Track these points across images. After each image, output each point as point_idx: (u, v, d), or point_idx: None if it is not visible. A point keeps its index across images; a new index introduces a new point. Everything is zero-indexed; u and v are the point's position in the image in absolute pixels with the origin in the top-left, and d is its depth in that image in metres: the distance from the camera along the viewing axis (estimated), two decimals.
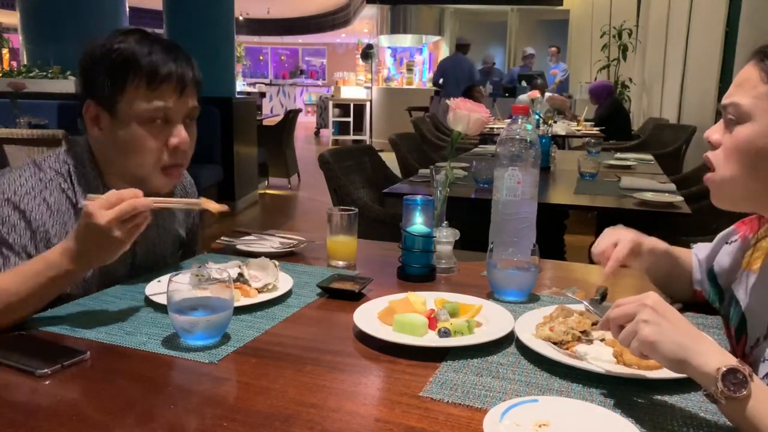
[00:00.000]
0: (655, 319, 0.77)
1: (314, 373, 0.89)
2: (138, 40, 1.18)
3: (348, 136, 12.74)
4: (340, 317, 1.11)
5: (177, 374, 0.91)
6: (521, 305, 1.18)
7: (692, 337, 0.76)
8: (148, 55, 1.16)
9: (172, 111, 1.20)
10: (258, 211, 6.26)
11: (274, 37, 20.82)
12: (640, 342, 0.78)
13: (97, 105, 1.19)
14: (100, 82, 1.17)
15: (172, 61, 1.18)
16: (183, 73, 1.19)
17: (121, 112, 1.17)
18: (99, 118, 1.20)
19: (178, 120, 1.22)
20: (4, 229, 1.13)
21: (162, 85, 1.17)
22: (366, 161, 3.15)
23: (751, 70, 0.91)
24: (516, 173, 1.33)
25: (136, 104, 1.16)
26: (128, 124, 1.18)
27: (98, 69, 1.17)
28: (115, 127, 1.19)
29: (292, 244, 1.56)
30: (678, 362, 0.75)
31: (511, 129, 1.34)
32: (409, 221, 1.35)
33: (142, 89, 1.16)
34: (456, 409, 0.80)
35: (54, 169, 1.22)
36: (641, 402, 0.82)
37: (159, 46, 1.18)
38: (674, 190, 2.63)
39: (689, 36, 5.74)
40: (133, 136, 1.18)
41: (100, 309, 1.12)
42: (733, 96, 0.92)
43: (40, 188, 1.18)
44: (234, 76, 6.53)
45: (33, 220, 1.16)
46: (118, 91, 1.16)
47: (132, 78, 1.15)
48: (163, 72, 1.16)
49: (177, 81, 1.18)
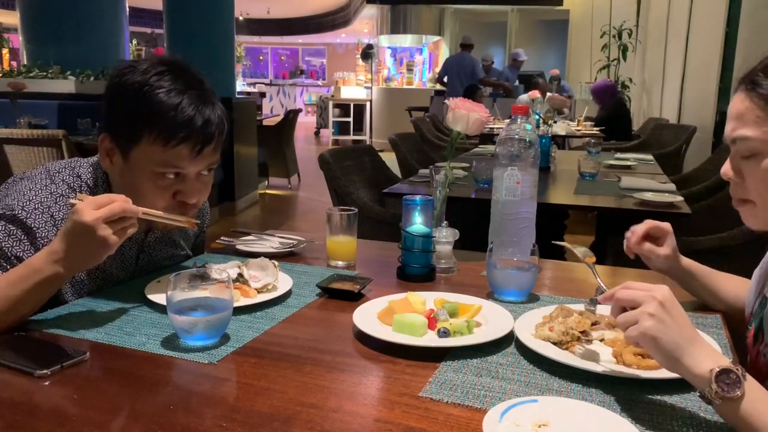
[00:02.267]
0: (660, 314, 0.78)
1: (314, 374, 0.89)
2: (169, 85, 1.12)
3: (348, 136, 12.74)
4: (340, 317, 1.11)
5: (177, 375, 0.91)
6: (521, 305, 1.18)
7: (690, 339, 0.77)
8: (173, 110, 1.10)
9: (185, 171, 1.16)
10: (258, 211, 6.26)
11: (274, 37, 20.83)
12: (640, 333, 0.78)
13: (112, 142, 1.16)
14: (119, 122, 1.14)
15: (199, 120, 1.12)
16: (206, 135, 1.13)
17: (132, 158, 1.14)
18: (112, 153, 1.18)
19: (191, 176, 1.17)
20: (7, 244, 1.12)
21: (179, 146, 1.12)
22: (366, 161, 3.15)
23: (744, 101, 0.91)
24: (515, 173, 1.33)
25: (148, 158, 1.13)
26: (138, 173, 1.15)
27: (120, 108, 1.14)
28: (126, 169, 1.16)
29: (292, 244, 1.56)
30: (672, 361, 0.76)
31: (511, 129, 1.34)
32: (409, 221, 1.35)
33: (157, 145, 1.11)
34: (455, 409, 0.80)
35: (67, 183, 1.21)
36: (641, 402, 0.82)
37: (188, 100, 1.12)
38: (674, 190, 2.63)
39: (689, 36, 5.75)
40: (142, 187, 1.15)
41: (100, 310, 1.13)
42: (738, 130, 0.91)
43: (49, 204, 1.17)
44: (234, 76, 6.53)
45: (39, 237, 1.14)
46: (133, 140, 1.13)
47: (149, 132, 1.11)
48: (181, 134, 1.11)
49: (195, 143, 1.13)
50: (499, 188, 1.35)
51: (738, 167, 0.95)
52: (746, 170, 0.93)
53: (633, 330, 0.79)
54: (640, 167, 3.51)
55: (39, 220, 1.14)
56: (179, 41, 5.94)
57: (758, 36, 4.06)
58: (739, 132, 0.91)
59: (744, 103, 0.90)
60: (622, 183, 2.75)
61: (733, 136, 0.92)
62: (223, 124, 1.18)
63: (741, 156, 0.93)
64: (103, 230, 0.99)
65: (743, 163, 0.93)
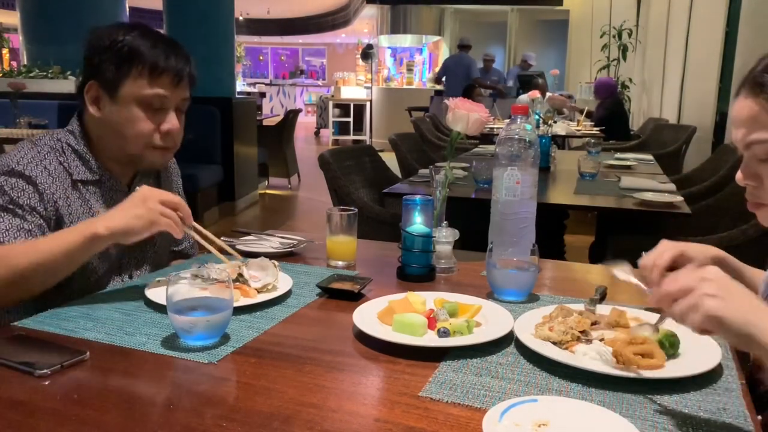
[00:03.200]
0: (720, 292, 0.74)
1: (314, 373, 0.89)
2: (142, 34, 1.30)
3: (348, 136, 12.73)
4: (340, 317, 1.11)
5: (176, 374, 0.91)
6: (521, 305, 1.18)
7: (757, 311, 0.73)
8: (153, 48, 1.29)
9: (168, 99, 1.32)
10: (258, 211, 6.26)
11: (274, 37, 20.82)
12: (704, 317, 0.73)
13: (99, 87, 1.30)
14: (106, 68, 1.28)
15: (173, 56, 1.31)
16: (180, 67, 1.32)
17: (121, 94, 1.29)
18: (99, 99, 1.31)
19: (171, 108, 1.33)
20: (15, 194, 1.22)
21: (162, 75, 1.29)
22: (366, 161, 3.15)
23: (752, 104, 0.90)
24: (515, 173, 1.33)
25: (136, 88, 1.28)
26: (127, 106, 1.29)
27: (106, 56, 1.28)
28: (115, 108, 1.30)
29: (292, 244, 1.56)
30: (745, 338, 0.72)
31: (510, 129, 1.34)
32: (409, 221, 1.35)
33: (144, 77, 1.28)
34: (455, 408, 0.80)
35: (49, 145, 1.31)
36: (640, 402, 0.82)
37: (161, 42, 1.32)
38: (674, 190, 2.64)
39: (689, 36, 5.75)
40: (131, 116, 1.29)
41: (99, 309, 1.13)
42: (753, 134, 0.91)
43: (40, 158, 1.27)
44: (234, 76, 6.52)
45: (39, 183, 1.24)
46: (123, 76, 1.28)
47: (136, 66, 1.28)
48: (163, 64, 1.29)
49: (175, 74, 1.31)
50: (498, 188, 1.35)
51: (754, 171, 0.94)
52: (765, 173, 0.92)
53: (695, 316, 0.74)
54: (640, 167, 3.51)
55: (35, 170, 1.25)
56: (179, 41, 5.93)
57: (758, 36, 4.06)
58: (755, 135, 0.90)
59: (753, 106, 0.90)
60: (622, 183, 2.75)
61: (748, 140, 0.91)
62: (191, 61, 1.37)
63: (758, 159, 0.92)
64: (155, 203, 1.15)
65: (760, 166, 0.92)
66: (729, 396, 0.84)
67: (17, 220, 1.20)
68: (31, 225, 1.21)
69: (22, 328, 1.03)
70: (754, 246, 2.19)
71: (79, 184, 1.31)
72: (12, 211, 1.21)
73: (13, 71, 5.76)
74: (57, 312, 1.10)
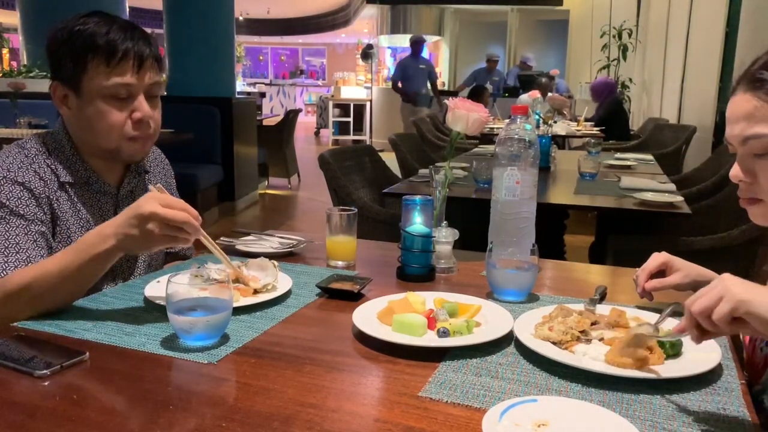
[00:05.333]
0: (743, 284, 0.75)
1: (313, 374, 0.89)
2: (97, 21, 1.25)
3: (348, 136, 12.74)
4: (340, 317, 1.11)
5: (176, 375, 0.91)
6: (520, 305, 1.18)
7: None
8: (106, 35, 1.23)
9: (133, 87, 1.26)
10: (258, 211, 6.26)
11: (274, 37, 20.81)
12: (732, 303, 0.73)
13: (64, 86, 1.26)
14: (64, 64, 1.24)
15: (130, 39, 1.24)
16: (140, 50, 1.25)
17: (84, 90, 1.24)
18: (67, 97, 1.27)
19: (138, 94, 1.28)
20: (13, 203, 1.19)
21: (120, 62, 1.23)
22: (366, 161, 3.15)
23: (750, 100, 0.90)
24: (515, 173, 1.33)
25: (97, 81, 1.23)
26: (92, 101, 1.25)
27: (62, 51, 1.24)
28: (82, 104, 1.26)
29: (292, 244, 1.56)
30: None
31: (510, 129, 1.34)
32: (409, 221, 1.35)
33: (102, 67, 1.23)
34: (455, 408, 0.80)
35: (35, 148, 1.29)
36: (640, 401, 0.82)
37: (117, 26, 1.25)
38: (674, 190, 2.63)
39: (689, 36, 5.74)
40: (98, 112, 1.25)
41: (99, 310, 1.13)
42: (750, 129, 0.91)
43: (29, 162, 1.25)
44: (234, 76, 6.52)
45: (33, 188, 1.22)
46: (81, 71, 1.23)
47: (92, 57, 1.22)
48: (120, 50, 1.23)
49: (134, 58, 1.24)
50: (498, 188, 1.35)
51: (748, 167, 0.95)
52: (761, 169, 0.93)
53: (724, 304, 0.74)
54: (640, 167, 3.51)
55: (26, 176, 1.23)
56: (179, 41, 5.94)
57: (758, 36, 4.06)
58: (752, 130, 0.91)
59: (750, 102, 0.90)
60: (622, 183, 2.75)
61: (745, 134, 0.92)
62: (152, 41, 1.30)
63: (754, 154, 0.93)
64: (152, 225, 1.05)
65: (756, 162, 0.93)
66: (729, 396, 0.84)
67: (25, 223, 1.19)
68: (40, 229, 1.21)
69: (22, 328, 1.03)
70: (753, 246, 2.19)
71: (66, 186, 1.29)
72: (21, 216, 1.19)
73: (13, 71, 5.75)
74: (57, 312, 1.10)
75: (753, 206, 0.97)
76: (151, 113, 1.29)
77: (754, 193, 0.96)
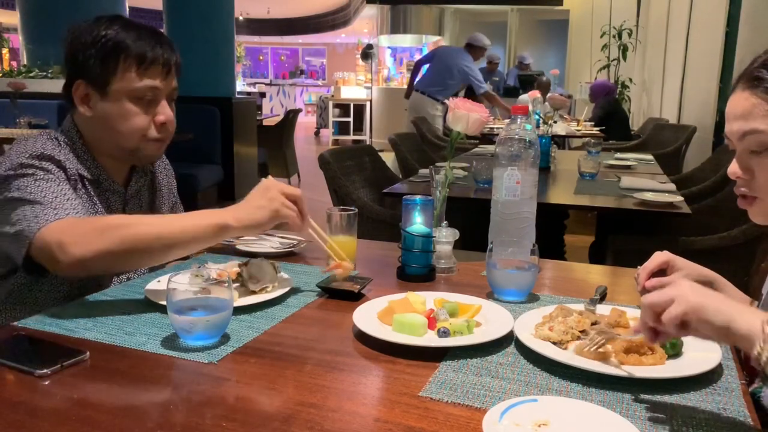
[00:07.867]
0: (698, 289, 0.77)
1: (314, 373, 0.89)
2: (124, 26, 1.28)
3: (348, 136, 12.73)
4: (340, 317, 1.11)
5: (177, 374, 0.91)
6: (521, 305, 1.18)
7: (733, 304, 0.75)
8: (137, 40, 1.27)
9: (159, 90, 1.31)
10: None
11: (274, 37, 20.81)
12: (688, 306, 0.75)
13: (88, 85, 1.28)
14: (91, 65, 1.26)
15: (158, 45, 1.29)
16: (168, 56, 1.31)
17: (112, 90, 1.27)
18: (88, 96, 1.29)
19: (162, 98, 1.32)
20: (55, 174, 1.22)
21: (151, 66, 1.28)
22: (366, 161, 3.15)
23: (749, 98, 0.91)
24: (515, 173, 1.33)
25: (127, 83, 1.27)
26: (119, 101, 1.28)
27: (88, 53, 1.26)
28: (105, 104, 1.28)
29: (292, 244, 1.56)
30: (723, 328, 0.74)
31: (510, 129, 1.34)
32: (409, 221, 1.35)
33: (133, 69, 1.27)
34: (455, 408, 0.80)
35: (60, 139, 1.31)
36: (640, 401, 0.82)
37: (145, 32, 1.30)
38: (674, 190, 2.63)
39: (689, 36, 5.74)
40: (124, 111, 1.28)
41: (99, 309, 1.13)
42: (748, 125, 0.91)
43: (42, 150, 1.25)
44: (234, 76, 6.52)
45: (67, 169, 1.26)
46: (109, 72, 1.26)
47: (124, 60, 1.26)
48: (152, 55, 1.28)
49: (163, 64, 1.30)
50: (499, 188, 1.35)
51: (746, 164, 0.95)
52: (757, 165, 0.94)
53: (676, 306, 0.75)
54: (640, 167, 3.51)
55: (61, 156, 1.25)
56: (179, 41, 5.82)
57: (758, 36, 4.06)
58: (750, 126, 0.91)
59: (749, 100, 0.91)
60: (622, 183, 2.75)
61: (743, 131, 0.92)
62: (176, 50, 1.35)
63: (751, 151, 0.93)
64: (276, 193, 1.20)
65: (754, 159, 0.94)
66: (729, 396, 0.84)
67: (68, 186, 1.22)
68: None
69: (22, 328, 1.03)
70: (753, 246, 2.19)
71: (85, 180, 1.31)
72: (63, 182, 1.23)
73: (13, 71, 5.76)
74: (57, 312, 1.10)
75: (750, 204, 0.97)
76: (173, 117, 1.35)
77: (752, 190, 0.96)
